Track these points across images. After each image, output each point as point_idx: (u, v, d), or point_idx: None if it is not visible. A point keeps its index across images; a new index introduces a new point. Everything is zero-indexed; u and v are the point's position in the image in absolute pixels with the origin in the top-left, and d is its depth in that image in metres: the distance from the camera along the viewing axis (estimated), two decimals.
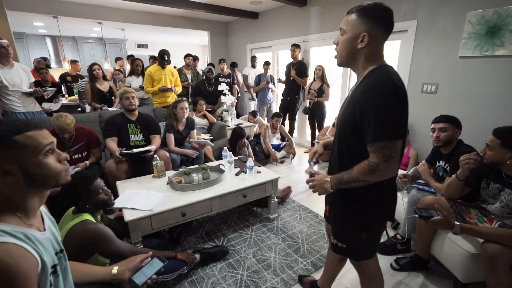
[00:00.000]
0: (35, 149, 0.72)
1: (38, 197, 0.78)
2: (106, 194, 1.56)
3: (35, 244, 0.72)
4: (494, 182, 1.57)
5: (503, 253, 1.33)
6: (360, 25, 0.95)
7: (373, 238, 1.16)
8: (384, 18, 0.94)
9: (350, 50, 1.00)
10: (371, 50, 0.97)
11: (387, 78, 0.92)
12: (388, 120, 0.90)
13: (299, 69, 4.28)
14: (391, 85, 0.90)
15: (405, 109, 0.92)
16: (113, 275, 1.10)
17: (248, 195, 2.23)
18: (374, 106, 0.90)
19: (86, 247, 1.35)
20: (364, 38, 0.94)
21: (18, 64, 3.03)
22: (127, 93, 2.64)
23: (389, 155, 0.90)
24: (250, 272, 1.83)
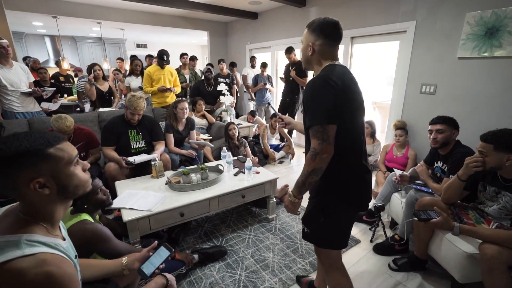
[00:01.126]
0: (67, 161, 0.74)
1: (63, 208, 0.80)
2: (105, 194, 1.56)
3: (64, 253, 0.74)
4: (491, 185, 1.57)
5: (500, 254, 1.34)
6: (308, 37, 1.15)
7: (333, 225, 1.19)
8: (327, 30, 1.11)
9: (305, 57, 1.19)
10: (319, 56, 1.14)
11: (321, 74, 1.10)
12: (317, 107, 1.04)
13: (299, 69, 4.28)
14: (321, 78, 1.06)
15: (335, 94, 1.02)
16: (124, 265, 1.13)
17: (246, 195, 2.23)
18: (306, 96, 1.08)
19: (84, 247, 1.35)
20: (311, 47, 1.14)
21: (17, 63, 3.03)
22: (135, 109, 2.45)
23: (321, 137, 1.02)
24: (249, 272, 1.83)
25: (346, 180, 1.14)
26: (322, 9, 4.13)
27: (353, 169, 1.15)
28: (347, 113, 1.07)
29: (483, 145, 1.49)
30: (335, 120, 1.03)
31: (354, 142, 1.12)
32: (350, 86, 1.09)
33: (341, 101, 1.04)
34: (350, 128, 1.09)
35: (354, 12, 3.64)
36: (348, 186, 1.15)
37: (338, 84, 1.03)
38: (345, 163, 1.11)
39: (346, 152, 1.10)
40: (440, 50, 2.86)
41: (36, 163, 0.68)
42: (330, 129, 1.02)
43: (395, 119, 3.38)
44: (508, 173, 1.48)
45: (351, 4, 3.66)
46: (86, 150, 2.58)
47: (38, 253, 0.66)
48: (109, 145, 2.50)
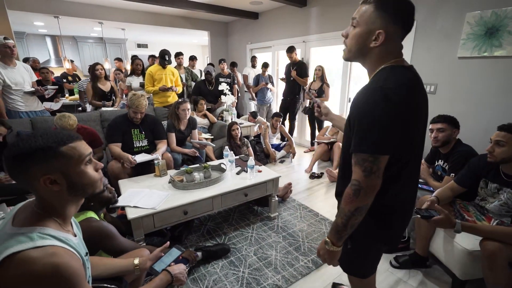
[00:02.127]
0: (78, 159, 0.76)
1: (75, 205, 0.82)
2: (110, 192, 1.58)
3: (74, 248, 0.76)
4: (492, 182, 1.59)
5: (501, 250, 1.35)
6: (375, 20, 0.81)
7: (360, 254, 1.04)
8: (405, 15, 0.81)
9: (361, 46, 0.86)
10: (385, 50, 0.84)
11: (381, 82, 0.81)
12: (369, 129, 0.79)
13: (300, 69, 4.30)
14: (379, 90, 0.79)
15: (397, 115, 0.77)
16: (135, 265, 1.15)
17: (249, 194, 2.25)
18: (356, 111, 0.83)
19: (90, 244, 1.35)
20: (380, 36, 0.81)
21: (20, 63, 3.04)
22: (137, 108, 2.47)
23: (369, 169, 0.80)
24: (252, 270, 1.85)
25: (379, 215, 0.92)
26: (323, 9, 4.14)
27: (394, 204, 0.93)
28: (406, 140, 0.82)
29: (503, 135, 1.49)
30: (390, 150, 0.80)
31: (402, 174, 0.88)
32: (417, 103, 0.83)
33: (402, 124, 0.79)
34: (404, 159, 0.86)
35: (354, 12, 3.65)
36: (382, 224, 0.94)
37: (402, 101, 0.78)
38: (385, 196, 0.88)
39: (391, 184, 0.87)
40: (440, 50, 2.88)
41: (47, 160, 0.71)
42: (382, 160, 0.80)
43: None
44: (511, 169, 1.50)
45: (352, 4, 3.68)
46: None
47: (48, 246, 0.69)
48: (115, 142, 2.53)
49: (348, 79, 4.04)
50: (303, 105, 4.64)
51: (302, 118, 4.91)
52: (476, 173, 1.66)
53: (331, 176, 3.32)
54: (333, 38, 4.06)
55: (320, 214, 2.59)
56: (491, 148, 1.53)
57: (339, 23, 3.92)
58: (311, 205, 2.77)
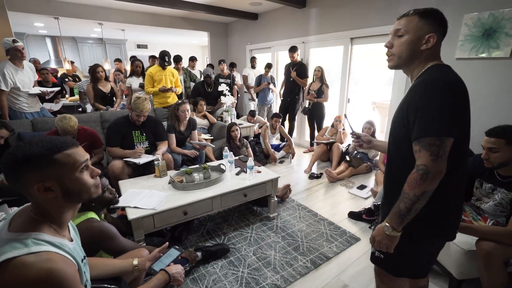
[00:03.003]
0: (73, 166, 0.76)
1: (71, 210, 0.82)
2: (111, 193, 1.60)
3: (69, 253, 0.77)
4: (487, 182, 1.61)
5: (497, 250, 1.37)
6: (423, 27, 0.94)
7: (417, 254, 1.04)
8: (442, 22, 0.96)
9: (412, 51, 0.96)
10: (433, 51, 0.96)
11: (438, 75, 0.90)
12: (435, 114, 0.84)
13: (299, 70, 4.32)
14: (441, 80, 0.88)
15: (458, 102, 0.86)
16: (135, 265, 1.16)
17: (248, 194, 2.27)
18: (418, 101, 0.88)
19: (91, 245, 1.39)
20: (431, 39, 0.94)
21: (26, 63, 3.05)
22: (141, 112, 2.49)
23: (436, 152, 0.83)
24: (251, 270, 1.87)
25: (439, 205, 0.95)
26: (322, 10, 4.16)
27: (450, 195, 0.96)
28: (463, 127, 0.91)
29: (493, 141, 1.47)
30: (456, 133, 0.85)
31: (460, 163, 0.93)
32: (467, 95, 0.92)
33: (460, 113, 0.89)
34: (460, 147, 0.91)
35: (353, 13, 3.68)
36: (441, 213, 0.96)
37: (462, 90, 0.89)
38: (445, 187, 0.90)
39: (449, 175, 0.88)
40: None
41: (41, 168, 0.72)
42: (448, 143, 0.85)
43: None
44: (506, 170, 1.52)
45: (350, 5, 3.70)
46: (89, 150, 2.61)
47: (43, 251, 0.70)
48: (114, 145, 2.56)
49: (347, 79, 4.06)
50: (302, 105, 4.66)
51: (302, 118, 4.93)
52: (471, 173, 1.67)
53: (330, 176, 3.34)
54: (332, 39, 4.08)
55: (319, 214, 2.60)
56: (486, 155, 1.52)
57: (338, 24, 3.94)
58: (310, 205, 2.79)
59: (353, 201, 2.90)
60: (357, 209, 2.62)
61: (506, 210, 1.52)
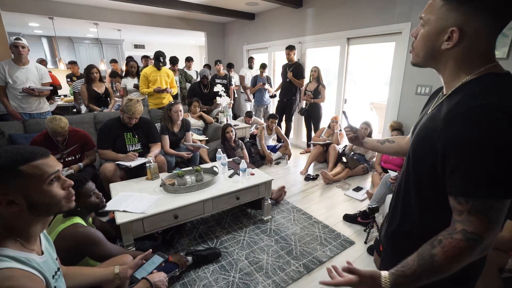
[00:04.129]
0: (40, 179, 0.71)
1: (41, 223, 0.78)
2: (98, 197, 1.57)
3: (36, 269, 0.73)
4: None
5: (491, 257, 1.34)
6: (448, 15, 0.63)
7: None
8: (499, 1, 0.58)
9: (430, 49, 0.69)
10: (467, 52, 0.64)
11: (492, 98, 0.58)
12: (494, 166, 0.56)
13: (296, 71, 4.29)
14: (501, 110, 0.56)
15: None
16: (115, 274, 1.12)
17: (241, 197, 2.24)
18: (469, 141, 0.58)
19: (76, 251, 1.36)
20: (453, 34, 0.62)
21: (33, 63, 3.00)
22: (132, 114, 2.46)
23: (495, 219, 0.58)
24: (242, 274, 1.84)
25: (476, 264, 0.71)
26: (318, 10, 4.13)
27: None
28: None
29: None
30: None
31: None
32: None
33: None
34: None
35: (350, 13, 3.65)
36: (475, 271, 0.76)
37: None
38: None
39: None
40: None
41: (4, 180, 0.68)
42: (507, 205, 0.58)
43: (391, 119, 3.39)
44: None
45: (347, 5, 3.67)
46: (81, 152, 2.58)
47: (4, 268, 0.66)
48: (105, 148, 2.52)
49: (343, 80, 4.03)
50: (299, 106, 4.63)
51: (299, 119, 4.90)
52: None
53: (326, 178, 3.31)
54: (329, 39, 4.05)
55: (313, 217, 2.57)
56: None
57: (334, 24, 3.90)
58: (305, 207, 2.76)
59: (349, 203, 2.87)
60: (353, 212, 2.59)
61: None
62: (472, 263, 0.63)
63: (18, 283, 0.65)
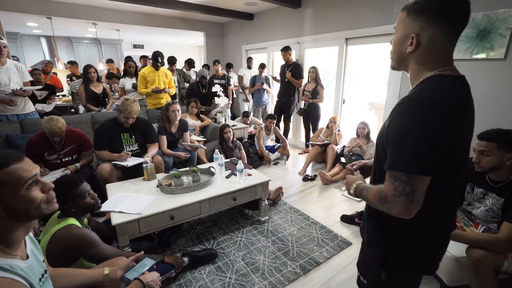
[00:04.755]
0: (16, 185, 0.69)
1: (23, 228, 0.76)
2: (93, 198, 1.56)
3: (19, 275, 0.71)
4: (478, 187, 1.57)
5: (487, 258, 1.34)
6: (410, 24, 0.76)
7: (392, 283, 0.92)
8: (444, 10, 0.70)
9: (399, 53, 0.82)
10: (426, 56, 0.76)
11: (427, 94, 0.71)
12: (408, 146, 0.70)
13: (294, 71, 4.28)
14: (421, 102, 0.70)
15: (446, 133, 0.69)
16: (105, 275, 1.12)
17: (238, 198, 2.23)
18: (397, 127, 0.73)
19: (71, 252, 1.35)
20: (413, 39, 0.75)
21: (11, 62, 2.87)
22: (129, 114, 2.45)
23: (401, 190, 0.70)
24: (238, 275, 1.83)
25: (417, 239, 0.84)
26: (317, 10, 4.12)
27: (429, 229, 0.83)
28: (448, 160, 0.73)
29: (484, 144, 1.44)
30: (430, 171, 0.70)
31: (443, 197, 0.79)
32: (464, 119, 0.75)
33: (446, 143, 0.70)
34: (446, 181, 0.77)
35: (348, 13, 3.64)
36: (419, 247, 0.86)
37: (448, 115, 0.69)
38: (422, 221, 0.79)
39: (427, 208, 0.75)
40: None
41: None
42: (419, 181, 0.69)
43: None
44: (497, 175, 1.48)
45: (346, 5, 3.66)
46: (78, 152, 2.57)
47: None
48: (102, 149, 2.51)
49: (342, 80, 4.02)
50: (298, 106, 4.63)
51: (297, 119, 4.89)
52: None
53: (324, 178, 3.30)
54: (327, 39, 4.05)
55: (311, 217, 2.57)
56: (477, 159, 1.48)
57: (333, 25, 3.90)
58: (303, 208, 2.75)
59: (346, 204, 2.87)
60: (350, 212, 2.59)
61: (497, 216, 1.48)
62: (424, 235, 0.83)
63: None
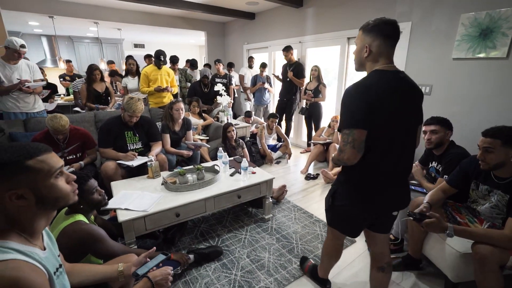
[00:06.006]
0: (47, 173, 0.74)
1: (45, 218, 0.79)
2: (100, 195, 1.56)
3: (39, 262, 0.74)
4: (483, 184, 1.58)
5: (493, 254, 1.34)
6: (364, 39, 1.15)
7: (337, 213, 1.34)
8: (383, 30, 1.11)
9: (358, 59, 1.20)
10: (374, 58, 1.15)
11: (361, 80, 1.12)
12: (345, 112, 1.11)
13: (296, 70, 4.29)
14: (356, 84, 1.11)
15: (362, 102, 1.06)
16: (119, 271, 1.13)
17: (242, 195, 2.24)
18: (344, 100, 1.13)
19: (79, 248, 1.35)
20: (367, 49, 1.14)
21: (23, 61, 2.93)
22: (133, 112, 2.45)
23: (346, 140, 1.08)
24: (244, 272, 1.84)
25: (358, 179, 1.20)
26: (319, 10, 4.14)
27: (372, 175, 1.16)
28: (379, 122, 1.07)
29: (489, 141, 1.45)
30: (364, 126, 1.06)
31: (381, 149, 1.12)
32: (389, 95, 1.07)
33: (374, 109, 1.05)
34: (378, 137, 1.09)
35: (350, 13, 3.66)
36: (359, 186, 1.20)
37: (372, 90, 1.06)
38: (364, 169, 1.15)
39: (369, 159, 1.12)
40: (435, 51, 2.88)
41: (13, 175, 0.69)
42: (356, 133, 1.06)
43: None
44: (502, 172, 1.49)
45: (347, 5, 3.67)
46: (82, 150, 2.58)
47: (9, 259, 0.66)
48: (106, 147, 2.51)
49: (344, 79, 4.04)
50: (299, 106, 4.64)
51: (299, 119, 4.90)
52: (468, 174, 1.65)
53: (327, 177, 3.31)
54: (329, 38, 4.06)
55: (314, 215, 2.58)
56: (482, 156, 1.49)
57: (334, 24, 3.91)
58: (306, 206, 2.76)
59: None
60: None
61: (503, 212, 1.50)
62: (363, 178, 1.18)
63: (23, 274, 0.65)
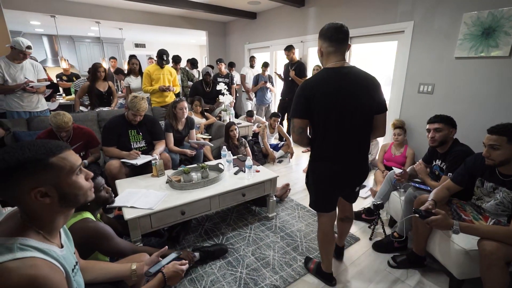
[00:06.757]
0: (70, 170, 0.74)
1: (64, 216, 0.79)
2: (107, 192, 1.57)
3: (57, 260, 0.74)
4: (488, 181, 1.59)
5: (499, 250, 1.35)
6: (318, 43, 1.44)
7: (315, 191, 1.58)
8: (326, 34, 1.37)
9: (320, 58, 1.47)
10: (326, 58, 1.42)
11: (310, 78, 1.41)
12: (294, 104, 1.41)
13: (298, 69, 4.30)
14: (305, 82, 1.40)
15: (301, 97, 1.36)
16: (133, 270, 1.14)
17: (247, 194, 2.24)
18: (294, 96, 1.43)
19: (86, 245, 1.36)
20: (320, 51, 1.43)
21: (28, 60, 2.94)
22: (137, 111, 2.46)
23: (292, 126, 1.44)
24: (249, 270, 1.85)
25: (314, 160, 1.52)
26: (320, 9, 4.15)
27: (321, 156, 1.47)
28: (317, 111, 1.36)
29: (495, 138, 1.46)
30: (301, 115, 1.39)
31: (323, 135, 1.40)
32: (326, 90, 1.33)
33: (311, 103, 1.34)
34: (319, 124, 1.39)
35: (352, 12, 3.67)
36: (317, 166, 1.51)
37: (310, 87, 1.35)
38: (316, 150, 1.48)
39: (317, 142, 1.44)
40: (437, 50, 2.89)
41: (37, 173, 0.69)
42: (295, 121, 1.41)
43: (393, 118, 3.41)
44: (507, 169, 1.50)
45: (349, 4, 3.68)
46: (85, 149, 2.58)
47: (28, 257, 0.67)
48: (109, 145, 2.52)
49: None
50: None
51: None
52: (472, 172, 1.65)
53: None
54: None
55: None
56: (487, 153, 1.50)
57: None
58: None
59: None
60: (356, 209, 2.60)
61: (508, 209, 1.50)
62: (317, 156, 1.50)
63: (41, 272, 0.66)
